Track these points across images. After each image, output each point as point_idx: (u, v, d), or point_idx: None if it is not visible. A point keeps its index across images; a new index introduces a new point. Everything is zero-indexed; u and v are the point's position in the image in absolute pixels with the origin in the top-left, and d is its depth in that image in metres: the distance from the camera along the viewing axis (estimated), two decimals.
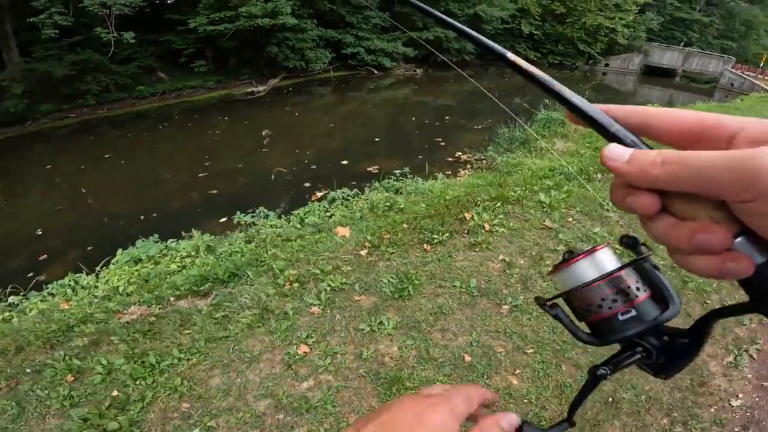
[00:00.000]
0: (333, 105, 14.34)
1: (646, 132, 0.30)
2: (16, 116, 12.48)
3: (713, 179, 0.23)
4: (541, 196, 4.13)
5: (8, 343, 2.55)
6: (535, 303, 0.43)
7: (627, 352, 0.34)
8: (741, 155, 0.22)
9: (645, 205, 0.27)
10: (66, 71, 12.75)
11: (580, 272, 0.33)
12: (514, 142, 7.36)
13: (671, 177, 0.25)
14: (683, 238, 0.26)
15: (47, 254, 5.95)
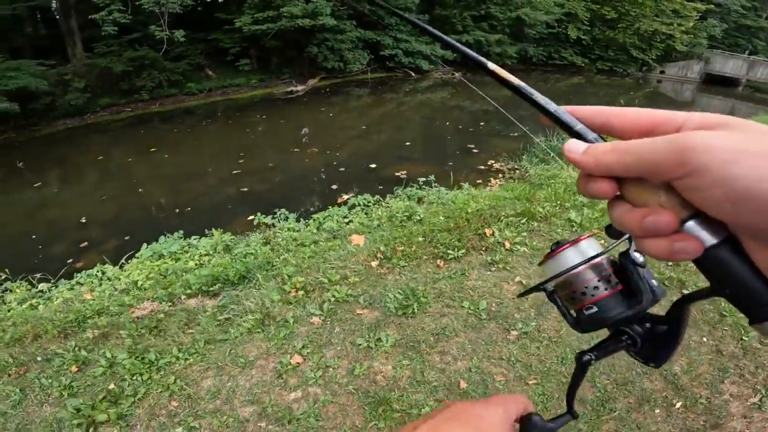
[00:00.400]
0: (369, 106, 14.37)
1: (607, 130, 0.33)
2: (77, 108, 13.44)
3: (652, 161, 0.26)
4: (572, 214, 3.87)
5: (27, 331, 2.69)
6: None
7: (613, 339, 0.36)
8: (673, 137, 0.26)
9: (602, 191, 0.30)
10: (124, 67, 13.60)
11: (565, 261, 0.36)
12: (551, 152, 7.00)
13: (620, 162, 0.28)
14: (635, 221, 0.29)
15: (88, 242, 6.30)
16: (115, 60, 13.68)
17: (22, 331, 2.69)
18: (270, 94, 15.92)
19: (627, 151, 0.28)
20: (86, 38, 14.41)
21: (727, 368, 2.35)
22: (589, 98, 14.94)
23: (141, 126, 13.18)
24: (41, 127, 12.98)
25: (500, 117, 12.09)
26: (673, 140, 0.25)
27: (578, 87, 17.62)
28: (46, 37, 16.27)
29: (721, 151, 0.23)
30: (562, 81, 18.42)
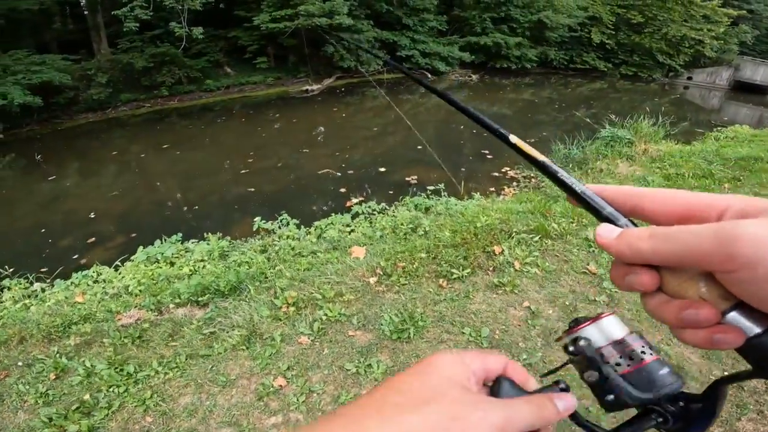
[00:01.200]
0: (383, 107, 14.18)
1: (638, 214, 0.31)
2: (99, 103, 13.68)
3: (696, 250, 0.24)
4: (590, 233, 3.60)
5: (14, 333, 2.62)
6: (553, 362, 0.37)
7: (642, 417, 0.34)
8: (721, 226, 0.24)
9: (644, 284, 0.28)
10: (145, 63, 13.77)
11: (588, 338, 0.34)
12: (570, 161, 6.69)
13: (658, 250, 0.26)
14: (673, 314, 0.27)
15: (95, 237, 6.28)
16: (137, 56, 13.86)
17: (9, 333, 2.62)
18: (285, 92, 15.90)
19: (668, 238, 0.26)
20: (111, 34, 14.66)
21: (747, 404, 2.10)
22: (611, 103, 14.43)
23: (159, 121, 13.30)
24: (63, 121, 13.25)
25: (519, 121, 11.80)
26: (721, 231, 0.24)
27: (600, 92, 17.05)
28: (74, 32, 16.60)
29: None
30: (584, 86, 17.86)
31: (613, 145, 6.88)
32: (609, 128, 7.36)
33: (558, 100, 14.61)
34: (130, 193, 8.07)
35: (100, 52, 14.65)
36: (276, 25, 14.20)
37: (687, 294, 0.27)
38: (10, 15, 12.88)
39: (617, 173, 5.87)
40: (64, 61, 12.72)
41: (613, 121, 7.83)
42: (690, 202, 0.29)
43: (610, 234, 0.29)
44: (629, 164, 6.27)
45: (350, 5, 15.01)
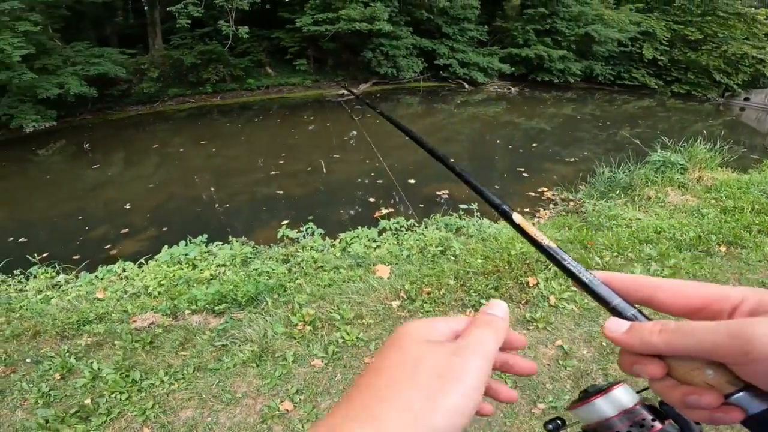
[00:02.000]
0: (417, 116, 14.03)
1: (651, 305, 0.32)
2: (149, 96, 14.32)
3: (710, 347, 0.26)
4: (636, 269, 3.29)
5: (30, 327, 2.63)
6: None
7: None
8: (736, 324, 0.26)
9: (651, 373, 0.30)
10: (194, 60, 14.29)
11: (596, 410, 0.34)
12: (615, 185, 6.25)
13: (671, 344, 0.28)
14: (677, 397, 0.29)
15: (129, 228, 6.44)
16: (187, 52, 14.41)
17: (25, 327, 2.63)
18: (322, 95, 16.06)
19: (682, 334, 0.27)
20: (165, 30, 15.32)
21: None
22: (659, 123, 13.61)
23: (201, 117, 13.73)
24: (114, 112, 13.94)
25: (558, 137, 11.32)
26: (736, 330, 0.25)
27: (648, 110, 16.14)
28: (134, 26, 17.50)
29: None
30: (630, 103, 16.98)
31: (664, 171, 6.37)
32: (660, 152, 6.83)
33: (601, 117, 13.93)
34: (166, 187, 8.29)
35: (155, 47, 15.32)
36: (317, 28, 14.39)
37: (694, 381, 0.28)
38: (75, 7, 13.69)
39: (667, 202, 5.43)
40: (121, 54, 13.38)
41: (665, 144, 7.30)
42: (704, 294, 0.30)
43: (618, 328, 0.31)
44: (681, 193, 5.78)
45: (391, 11, 15.00)
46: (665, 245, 3.72)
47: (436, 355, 0.30)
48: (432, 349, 0.30)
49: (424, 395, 0.28)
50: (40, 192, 8.37)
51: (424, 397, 0.28)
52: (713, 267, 3.34)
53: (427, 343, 0.31)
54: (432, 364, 0.29)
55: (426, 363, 0.29)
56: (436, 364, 0.29)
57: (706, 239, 3.82)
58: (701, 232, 3.93)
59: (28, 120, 11.23)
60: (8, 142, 11.29)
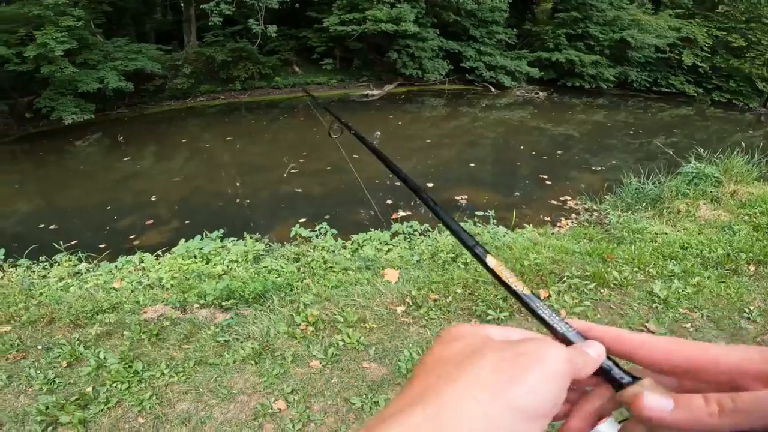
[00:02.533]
0: (441, 118, 13.91)
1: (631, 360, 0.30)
2: (182, 92, 14.80)
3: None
4: (656, 286, 3.12)
5: (46, 314, 2.74)
6: None
7: None
8: None
9: None
10: (225, 57, 14.68)
11: None
12: (643, 197, 5.98)
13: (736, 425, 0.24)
14: None
15: (153, 220, 6.66)
16: (219, 50, 14.82)
17: (41, 313, 2.75)
18: (346, 95, 16.16)
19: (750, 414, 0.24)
20: (199, 27, 15.82)
21: None
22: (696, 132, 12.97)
23: (229, 114, 14.07)
24: (149, 107, 14.49)
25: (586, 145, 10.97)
26: None
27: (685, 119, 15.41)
28: (170, 23, 18.15)
29: None
30: (666, 111, 16.24)
31: (697, 183, 6.04)
32: (694, 163, 6.49)
33: (634, 125, 13.39)
34: (192, 180, 8.53)
35: (189, 44, 15.84)
36: (344, 29, 14.49)
37: None
38: (117, 3, 14.31)
39: (698, 217, 5.16)
40: (158, 51, 13.89)
41: (700, 155, 6.93)
42: (693, 357, 0.28)
43: (663, 405, 0.27)
44: (713, 207, 5.48)
45: (417, 13, 14.92)
46: (691, 262, 3.54)
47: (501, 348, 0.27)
48: (496, 343, 0.28)
49: (501, 374, 0.25)
50: (74, 182, 8.79)
51: (502, 375, 0.25)
52: (739, 286, 3.15)
53: (489, 338, 0.29)
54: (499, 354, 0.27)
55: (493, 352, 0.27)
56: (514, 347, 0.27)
57: (735, 257, 3.60)
58: (731, 249, 3.71)
59: (68, 113, 11.80)
60: (48, 133, 11.93)
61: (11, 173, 9.77)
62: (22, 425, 2.04)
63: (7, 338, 2.60)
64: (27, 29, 10.85)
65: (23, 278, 3.54)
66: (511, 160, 9.71)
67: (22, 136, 11.87)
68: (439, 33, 16.45)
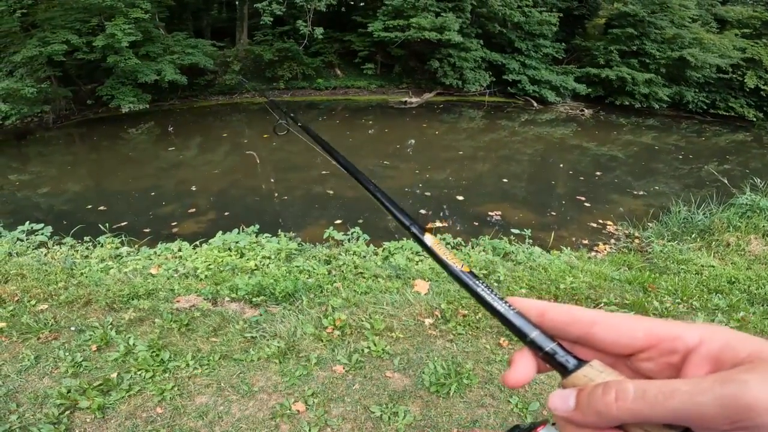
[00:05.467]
0: (479, 131, 13.72)
1: (588, 342, 0.28)
2: (230, 88, 15.41)
3: (693, 415, 0.22)
4: (699, 318, 2.96)
5: (83, 295, 2.86)
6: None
7: None
8: (726, 389, 0.21)
9: None
10: (272, 56, 15.17)
11: None
12: (691, 227, 5.64)
13: (635, 415, 0.23)
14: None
15: (195, 209, 6.91)
16: (267, 49, 15.32)
17: (79, 294, 2.87)
18: (385, 101, 16.28)
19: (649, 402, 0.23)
20: (250, 26, 16.45)
21: None
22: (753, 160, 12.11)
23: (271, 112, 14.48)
24: (199, 100, 15.19)
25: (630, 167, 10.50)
26: (725, 395, 0.21)
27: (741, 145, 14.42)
28: (225, 20, 18.97)
29: None
30: (722, 136, 15.27)
31: (750, 216, 5.65)
32: (749, 194, 6.07)
33: (685, 149, 12.69)
34: (231, 174, 8.83)
35: (240, 41, 16.48)
36: (387, 34, 14.61)
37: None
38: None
39: (748, 251, 4.83)
40: (212, 47, 14.55)
41: (755, 186, 6.47)
42: (650, 331, 0.27)
43: (566, 405, 0.26)
44: (765, 242, 5.11)
45: (462, 23, 14.83)
46: (737, 297, 3.33)
47: None
48: None
49: None
50: (124, 167, 9.31)
51: None
52: None
53: None
54: None
55: None
56: None
57: None
58: None
59: (126, 101, 12.54)
60: (105, 119, 12.73)
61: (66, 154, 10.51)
62: (39, 408, 2.03)
63: (42, 317, 2.65)
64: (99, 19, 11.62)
65: (66, 257, 3.65)
66: (548, 179, 9.42)
67: (81, 121, 12.75)
68: (482, 44, 16.28)
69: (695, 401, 0.22)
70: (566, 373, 0.28)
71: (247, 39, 16.46)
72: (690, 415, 0.22)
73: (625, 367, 0.28)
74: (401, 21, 14.49)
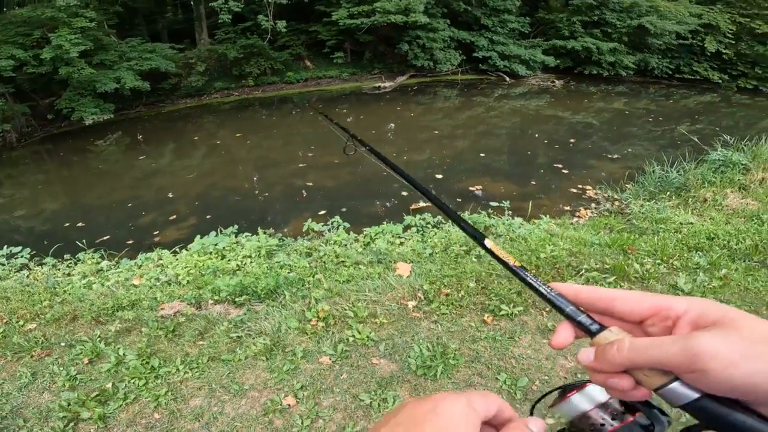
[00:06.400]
0: (454, 109, 13.70)
1: (611, 314, 0.38)
2: (197, 90, 14.99)
3: (666, 362, 0.31)
4: (681, 279, 2.99)
5: (69, 311, 2.80)
6: None
7: None
8: (683, 342, 0.31)
9: (623, 386, 0.34)
10: (236, 54, 14.76)
11: (574, 406, 0.39)
12: (666, 186, 5.76)
13: (632, 362, 0.33)
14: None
15: (175, 216, 6.72)
16: (230, 47, 14.91)
17: (65, 311, 2.81)
18: (359, 88, 16.08)
19: (638, 351, 0.32)
20: (210, 25, 15.95)
21: None
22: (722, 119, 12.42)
23: (243, 110, 14.15)
24: (166, 105, 14.73)
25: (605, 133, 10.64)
26: (684, 347, 0.30)
27: (710, 106, 14.77)
28: (181, 21, 18.35)
29: (725, 356, 0.29)
30: (690, 98, 15.60)
31: (724, 171, 5.80)
32: (721, 150, 6.22)
33: (655, 112, 12.92)
34: (209, 177, 8.62)
35: (201, 42, 15.98)
36: (353, 21, 14.37)
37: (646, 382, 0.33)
38: (128, 3, 14.51)
39: (725, 206, 4.94)
40: (171, 50, 14.07)
41: (727, 143, 6.63)
42: (653, 304, 0.35)
43: (588, 356, 0.36)
44: (741, 196, 5.24)
45: (427, 3, 14.67)
46: (717, 253, 3.37)
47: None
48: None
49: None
50: (97, 180, 9.01)
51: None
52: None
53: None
54: None
55: None
56: None
57: (764, 248, 3.42)
58: (759, 240, 3.52)
59: (88, 113, 12.08)
60: (70, 133, 12.25)
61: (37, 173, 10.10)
62: (45, 421, 2.09)
63: (32, 336, 2.67)
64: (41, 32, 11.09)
65: (48, 277, 3.63)
66: (526, 150, 9.50)
67: (45, 137, 12.24)
68: (449, 23, 16.16)
69: (667, 351, 0.31)
70: (592, 335, 0.37)
71: (208, 39, 15.97)
72: (665, 362, 0.31)
73: (640, 332, 0.36)
74: (365, 6, 14.24)
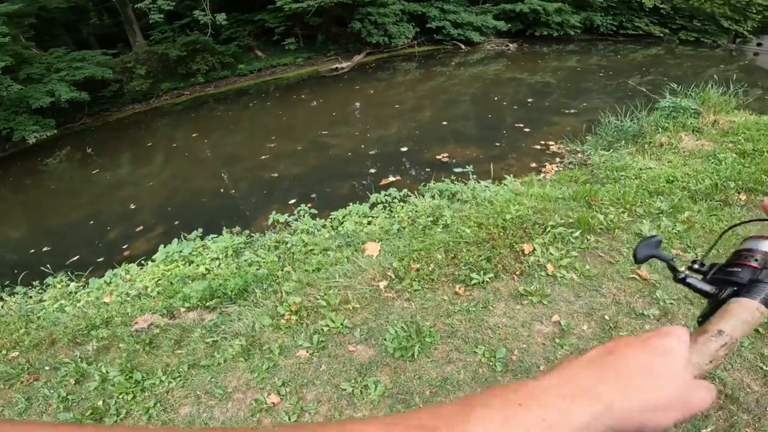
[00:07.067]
0: (415, 81, 13.54)
1: None
2: (143, 94, 14.18)
3: None
4: (644, 225, 3.04)
5: (46, 336, 2.77)
6: None
7: None
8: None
9: None
10: (179, 52, 13.99)
11: None
12: (622, 134, 5.91)
13: None
14: None
15: (142, 226, 6.39)
16: (170, 46, 14.11)
17: (42, 336, 2.77)
18: (316, 71, 15.63)
19: None
20: (144, 26, 15.00)
21: None
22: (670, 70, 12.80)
23: (198, 108, 13.53)
24: (112, 113, 13.90)
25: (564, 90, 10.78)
26: None
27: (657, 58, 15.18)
28: (110, 26, 17.18)
29: None
30: (637, 52, 15.99)
31: (676, 117, 5.99)
32: (670, 98, 6.41)
33: (607, 68, 13.17)
34: (171, 181, 8.28)
35: (136, 44, 15.05)
36: (299, 5, 13.82)
37: None
38: (41, 14, 13.44)
39: (681, 148, 5.10)
40: (104, 55, 13.20)
41: (674, 90, 6.82)
42: None
43: None
44: (695, 138, 5.43)
45: None
46: (678, 196, 3.42)
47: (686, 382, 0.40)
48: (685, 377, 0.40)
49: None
50: (55, 201, 8.50)
51: None
52: (732, 219, 3.02)
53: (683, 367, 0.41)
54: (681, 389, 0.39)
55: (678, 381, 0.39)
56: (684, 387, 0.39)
57: (724, 187, 3.52)
58: (718, 179, 3.62)
59: (29, 131, 11.28)
60: (16, 155, 11.44)
61: None
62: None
63: (17, 363, 2.65)
64: None
65: (21, 305, 3.58)
66: (489, 113, 9.54)
67: None
68: None
69: None
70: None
71: (144, 40, 15.03)
72: None
73: None
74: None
